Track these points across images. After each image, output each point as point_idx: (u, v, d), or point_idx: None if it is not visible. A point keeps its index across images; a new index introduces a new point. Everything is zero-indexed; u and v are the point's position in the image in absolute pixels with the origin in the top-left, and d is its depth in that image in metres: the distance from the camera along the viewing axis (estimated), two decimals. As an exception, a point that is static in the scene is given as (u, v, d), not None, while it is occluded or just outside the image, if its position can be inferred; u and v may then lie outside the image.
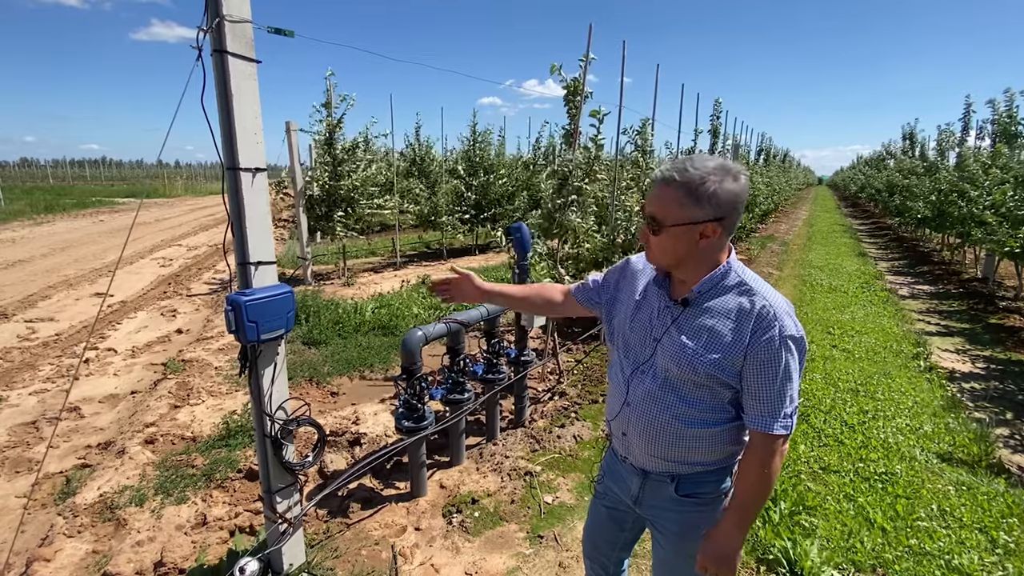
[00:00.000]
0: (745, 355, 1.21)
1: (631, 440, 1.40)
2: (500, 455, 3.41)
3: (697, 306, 1.28)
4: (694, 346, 1.25)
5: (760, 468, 1.24)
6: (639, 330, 1.38)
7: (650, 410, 1.34)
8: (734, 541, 1.29)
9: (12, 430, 3.76)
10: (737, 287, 1.26)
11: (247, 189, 1.88)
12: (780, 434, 1.22)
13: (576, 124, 4.49)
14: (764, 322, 1.20)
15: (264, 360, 2.00)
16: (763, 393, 1.21)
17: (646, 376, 1.35)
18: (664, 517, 1.43)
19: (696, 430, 1.30)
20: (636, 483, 1.45)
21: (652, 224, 1.26)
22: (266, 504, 2.13)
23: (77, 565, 2.39)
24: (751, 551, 2.56)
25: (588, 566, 1.79)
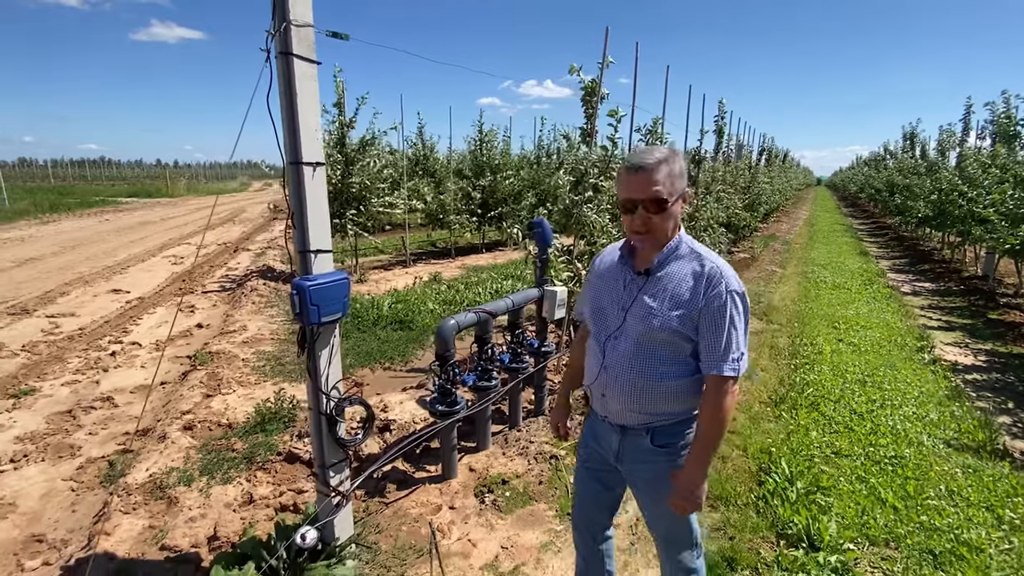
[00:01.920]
0: (700, 309, 1.44)
1: (609, 399, 1.60)
2: (525, 440, 3.55)
3: (658, 274, 1.53)
4: (659, 306, 1.49)
5: (714, 407, 1.45)
6: (611, 303, 1.61)
7: (625, 369, 1.54)
8: (697, 476, 1.48)
9: (49, 418, 3.89)
10: (689, 255, 1.53)
11: (308, 182, 2.02)
12: (729, 375, 1.43)
13: (593, 124, 4.63)
14: (713, 280, 1.45)
15: (322, 342, 2.14)
16: (714, 340, 1.44)
17: (619, 341, 1.56)
18: (641, 469, 1.63)
19: (665, 383, 1.51)
20: (616, 439, 1.64)
21: (657, 205, 1.45)
22: (320, 478, 2.26)
23: (136, 539, 2.52)
24: (771, 526, 2.71)
25: (577, 538, 1.96)
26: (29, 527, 2.77)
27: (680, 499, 1.50)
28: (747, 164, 12.75)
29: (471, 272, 9.16)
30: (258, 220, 18.00)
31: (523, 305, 3.69)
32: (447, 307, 6.52)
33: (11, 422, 3.83)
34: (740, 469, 3.23)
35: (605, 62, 4.47)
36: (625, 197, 1.49)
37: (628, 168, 1.48)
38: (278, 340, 5.46)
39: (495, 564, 2.47)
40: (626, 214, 1.51)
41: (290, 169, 2.01)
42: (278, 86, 1.97)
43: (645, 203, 1.46)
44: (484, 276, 8.54)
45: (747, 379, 4.63)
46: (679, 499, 1.51)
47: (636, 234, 1.52)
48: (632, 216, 1.49)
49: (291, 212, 2.06)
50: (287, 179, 2.04)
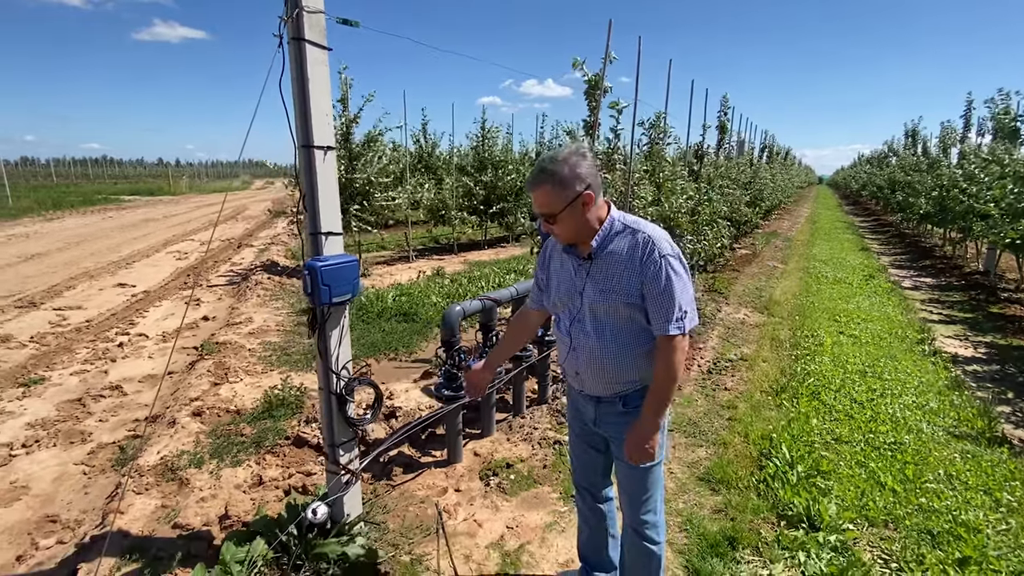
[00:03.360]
0: (640, 278, 1.56)
1: (583, 376, 1.73)
2: (528, 427, 3.60)
3: (600, 256, 1.63)
4: (607, 285, 1.61)
5: (665, 364, 1.57)
6: (567, 290, 1.72)
7: (592, 348, 1.66)
8: (650, 426, 1.61)
9: (60, 406, 3.95)
10: (623, 231, 1.63)
11: (319, 166, 2.06)
12: (674, 333, 1.55)
13: (596, 117, 4.68)
14: (647, 248, 1.57)
15: (332, 323, 2.18)
16: (657, 303, 1.56)
17: (583, 323, 1.68)
18: (615, 428, 1.76)
19: (630, 353, 1.63)
20: (592, 408, 1.79)
21: (548, 218, 1.60)
22: (329, 457, 2.31)
23: (149, 517, 2.58)
24: (772, 508, 2.75)
25: (580, 497, 2.08)
26: (43, 508, 2.82)
27: (634, 448, 1.63)
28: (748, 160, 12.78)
29: (473, 267, 9.21)
30: (260, 218, 18.06)
31: (526, 294, 3.73)
32: (450, 300, 6.57)
33: (22, 409, 3.88)
34: (741, 454, 3.28)
35: (608, 56, 4.52)
36: (535, 209, 1.66)
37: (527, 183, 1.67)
38: (284, 331, 5.51)
39: (500, 543, 2.52)
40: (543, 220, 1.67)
41: (302, 153, 2.06)
42: (290, 72, 2.01)
43: (539, 215, 1.63)
44: (487, 271, 8.59)
45: (748, 369, 4.68)
46: (633, 448, 1.63)
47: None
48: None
49: (302, 195, 2.10)
50: (298, 163, 2.09)
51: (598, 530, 2.07)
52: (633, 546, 1.88)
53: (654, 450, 1.63)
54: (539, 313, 1.99)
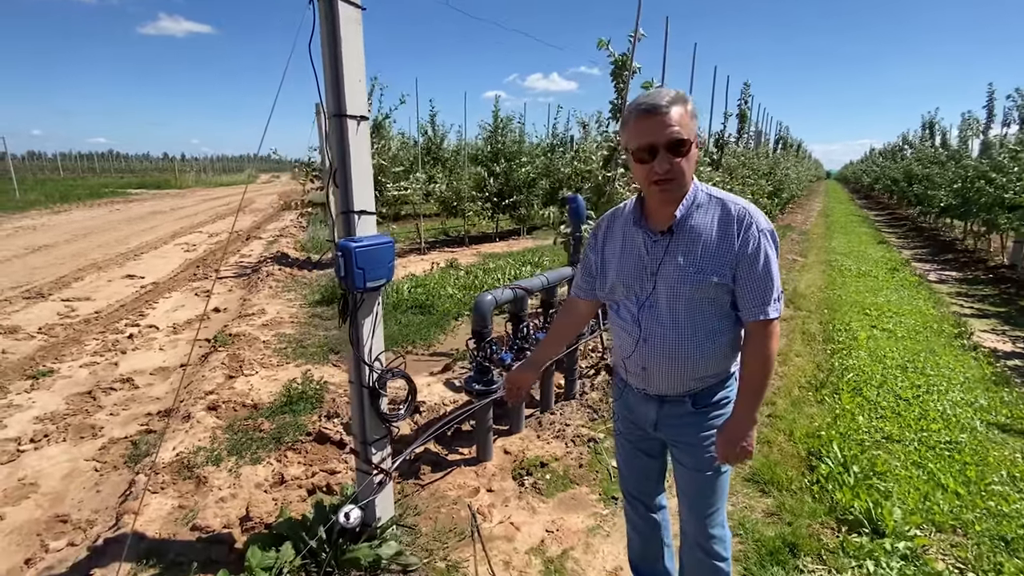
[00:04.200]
0: (735, 256, 1.37)
1: (651, 372, 1.51)
2: (560, 423, 3.42)
3: (683, 229, 1.42)
4: (692, 262, 1.39)
5: (762, 352, 1.40)
6: (633, 272, 1.50)
7: (668, 338, 1.45)
8: (747, 423, 1.43)
9: (69, 399, 3.79)
10: (709, 202, 1.43)
11: (352, 137, 1.87)
12: (773, 317, 1.38)
13: (624, 99, 4.46)
14: (744, 221, 1.38)
15: (365, 310, 2.00)
16: (753, 283, 1.37)
17: (655, 309, 1.46)
18: (682, 432, 1.56)
19: (712, 342, 1.44)
20: (654, 410, 1.57)
21: (679, 148, 1.33)
22: (360, 455, 2.14)
23: (165, 519, 2.41)
24: (830, 511, 2.57)
25: (630, 506, 1.88)
26: (52, 507, 2.67)
27: (730, 447, 1.45)
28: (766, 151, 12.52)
29: (487, 259, 9.02)
30: (268, 210, 17.92)
31: (557, 283, 3.55)
32: (467, 292, 6.39)
33: (30, 402, 3.73)
34: (788, 454, 3.09)
35: (637, 34, 4.30)
36: (642, 143, 1.34)
37: (640, 111, 1.34)
38: (298, 323, 5.35)
39: (542, 548, 2.35)
40: (642, 164, 1.36)
41: (333, 123, 1.87)
42: (320, 33, 1.83)
43: (665, 146, 1.32)
44: (501, 263, 8.40)
45: (782, 364, 4.48)
46: (729, 448, 1.45)
47: (658, 184, 1.36)
48: (650, 164, 1.35)
49: (332, 170, 1.92)
50: (329, 133, 1.90)
51: (651, 540, 1.88)
52: (698, 564, 1.69)
53: (752, 447, 1.45)
54: (589, 303, 1.76)
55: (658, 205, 1.46)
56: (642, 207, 1.51)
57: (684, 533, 1.71)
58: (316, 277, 7.45)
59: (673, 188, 1.38)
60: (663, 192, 1.39)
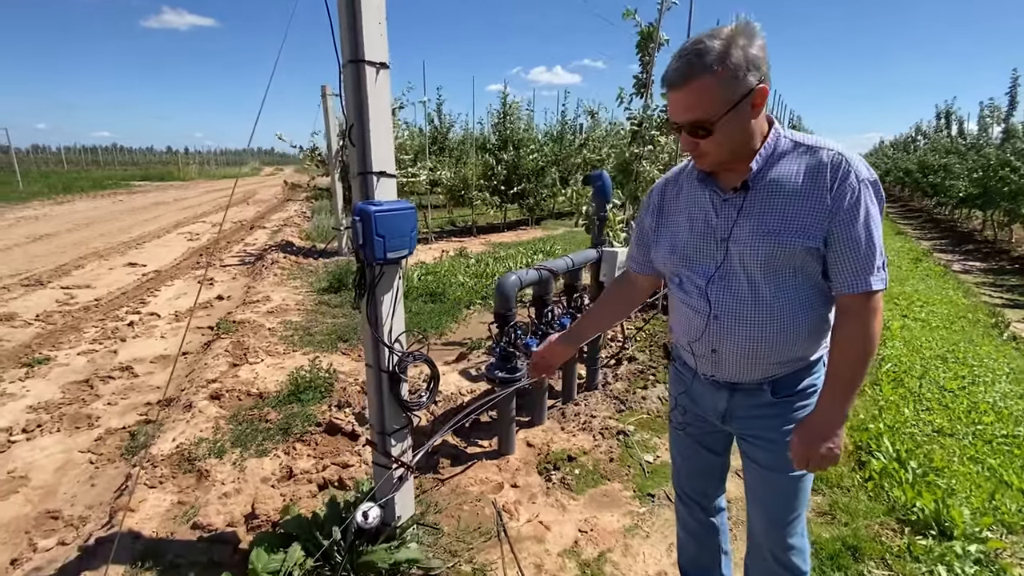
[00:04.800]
0: (829, 213, 1.11)
1: (723, 355, 1.28)
2: (585, 415, 3.20)
3: (760, 184, 1.17)
4: (773, 223, 1.15)
5: (863, 332, 1.14)
6: (699, 238, 1.27)
7: (745, 314, 1.22)
8: (836, 419, 1.18)
9: (65, 388, 3.60)
10: (794, 149, 1.17)
11: (371, 87, 1.65)
12: (878, 288, 1.13)
13: (649, 73, 4.22)
14: (839, 172, 1.11)
15: (384, 284, 1.78)
16: (853, 248, 1.12)
17: (729, 281, 1.23)
18: (758, 425, 1.33)
19: (799, 319, 1.19)
20: (724, 399, 1.34)
21: (698, 130, 1.12)
22: (378, 447, 1.92)
23: (164, 516, 2.21)
24: (889, 511, 2.34)
25: (684, 509, 1.65)
26: (43, 502, 2.47)
27: (810, 448, 1.19)
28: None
29: (496, 248, 8.79)
30: (272, 201, 17.75)
31: (583, 266, 3.32)
32: (478, 280, 6.17)
33: (24, 391, 3.54)
34: (833, 447, 2.86)
35: (666, 2, 4.05)
36: (670, 119, 1.18)
37: (662, 82, 1.15)
38: (305, 311, 5.13)
39: (575, 550, 2.13)
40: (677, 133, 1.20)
41: (349, 71, 1.64)
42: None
43: (685, 127, 1.13)
44: (512, 251, 8.17)
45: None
46: (809, 449, 1.20)
47: (693, 158, 1.21)
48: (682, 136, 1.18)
49: (349, 126, 1.69)
50: (345, 84, 1.68)
51: (708, 546, 1.66)
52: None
53: (839, 450, 1.20)
54: (648, 279, 1.52)
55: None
56: None
57: (755, 542, 1.47)
58: (323, 264, 7.24)
59: (706, 164, 1.19)
60: (698, 166, 1.22)
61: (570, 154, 11.63)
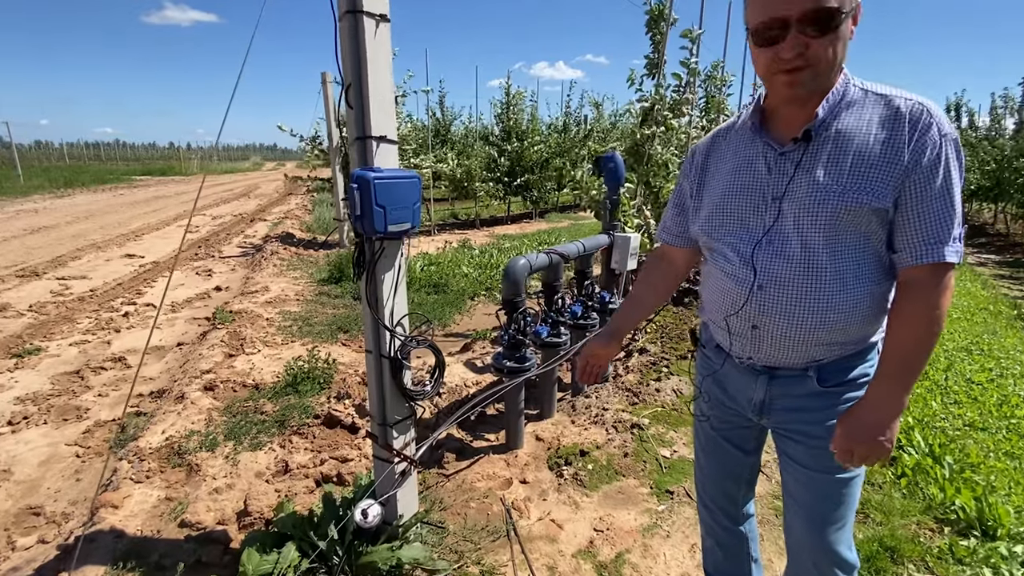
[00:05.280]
0: (905, 170, 0.97)
1: (765, 332, 1.12)
2: (596, 408, 3.05)
3: (825, 134, 1.02)
4: (838, 179, 1.00)
5: (930, 310, 0.99)
6: (745, 200, 1.12)
7: (796, 283, 1.06)
8: (892, 409, 1.02)
9: (55, 379, 3.46)
10: (866, 98, 1.02)
11: (370, 41, 1.49)
12: (952, 261, 0.98)
13: (659, 52, 4.05)
14: (920, 123, 0.96)
15: (385, 262, 1.63)
16: (929, 213, 0.97)
17: (778, 246, 1.07)
18: (802, 419, 1.17)
19: (855, 293, 1.04)
20: (761, 387, 1.19)
21: (821, 20, 0.93)
22: (379, 439, 1.77)
23: (150, 512, 2.07)
24: (925, 510, 2.19)
25: (708, 518, 1.49)
26: (25, 497, 2.33)
27: (860, 442, 1.03)
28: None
29: (500, 240, 8.63)
30: (273, 195, 17.60)
31: (594, 251, 3.17)
32: (482, 271, 6.02)
33: (12, 382, 3.40)
34: (860, 442, 2.71)
35: (678, -22, 3.87)
36: (767, 18, 0.95)
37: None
38: (304, 301, 4.99)
39: (591, 550, 1.99)
40: (765, 46, 0.98)
41: (346, 23, 1.49)
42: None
43: (801, 19, 0.93)
44: (516, 243, 8.02)
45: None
46: (856, 442, 1.03)
47: (788, 73, 0.98)
48: (775, 48, 0.97)
49: (346, 85, 1.53)
50: (341, 38, 1.52)
51: (736, 554, 1.50)
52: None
53: (892, 444, 1.04)
54: (685, 252, 1.35)
55: (786, 104, 1.06)
56: (762, 112, 1.12)
57: (796, 554, 1.29)
58: (323, 255, 7.09)
59: (806, 80, 0.98)
60: (791, 86, 0.99)
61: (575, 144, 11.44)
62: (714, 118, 5.43)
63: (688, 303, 4.88)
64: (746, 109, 1.17)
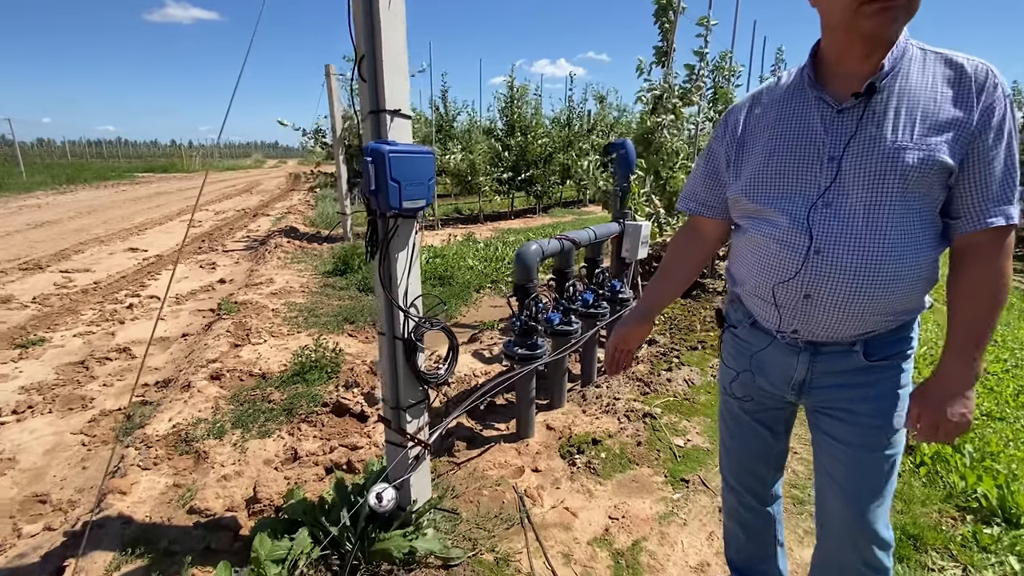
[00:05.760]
0: (974, 130, 0.94)
1: (818, 301, 1.06)
2: (607, 397, 3.01)
3: (889, 88, 0.98)
4: (908, 135, 0.96)
5: (996, 274, 0.98)
6: (798, 159, 1.06)
7: (861, 247, 1.00)
8: (967, 378, 1.00)
9: (60, 369, 3.43)
10: (925, 56, 0.99)
11: (384, 11, 1.44)
12: (1015, 224, 0.97)
13: (668, 41, 4.00)
14: (987, 83, 0.94)
15: (399, 241, 1.59)
16: (994, 174, 0.95)
17: (836, 208, 1.01)
18: (845, 395, 1.13)
19: (918, 259, 0.99)
20: (804, 364, 1.14)
21: None
22: (392, 423, 1.74)
23: (158, 499, 2.03)
24: (946, 498, 2.15)
25: (734, 498, 1.46)
26: (30, 485, 2.30)
27: (941, 416, 1.00)
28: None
29: (504, 233, 8.59)
30: (275, 191, 17.59)
31: (605, 239, 3.13)
32: (487, 264, 5.98)
33: (16, 372, 3.37)
34: (877, 431, 2.67)
35: (688, -35, 3.82)
36: None
37: None
38: (309, 293, 4.96)
39: (606, 538, 1.95)
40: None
41: (359, -6, 1.45)
42: None
43: None
44: (520, 237, 7.98)
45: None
46: (941, 416, 1.00)
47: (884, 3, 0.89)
48: None
49: (359, 57, 1.49)
50: (354, 8, 1.48)
51: (761, 537, 1.47)
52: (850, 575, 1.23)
53: (972, 415, 1.01)
54: (716, 224, 1.30)
55: (850, 52, 0.99)
56: (816, 67, 1.06)
57: (831, 534, 1.25)
58: (327, 249, 7.06)
59: (899, 13, 0.91)
60: (884, 12, 0.90)
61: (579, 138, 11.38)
62: (722, 109, 5.37)
63: (696, 295, 4.83)
64: (788, 72, 1.13)
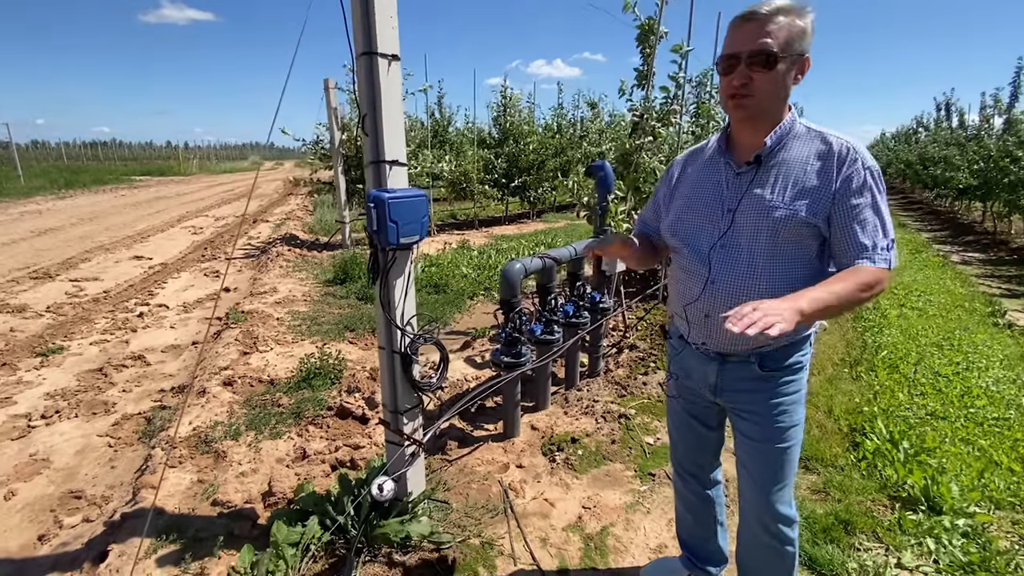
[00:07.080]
0: (834, 196, 1.21)
1: (714, 320, 1.34)
2: (587, 400, 3.29)
3: (771, 161, 1.28)
4: (779, 197, 1.25)
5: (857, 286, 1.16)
6: (707, 208, 1.36)
7: (742, 281, 1.30)
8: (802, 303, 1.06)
9: (80, 376, 3.69)
10: (808, 134, 1.28)
11: (383, 78, 1.72)
12: (882, 267, 1.20)
13: (650, 65, 4.27)
14: (847, 158, 1.22)
15: (397, 269, 1.86)
16: (858, 223, 1.20)
17: (731, 249, 1.31)
18: (746, 399, 1.41)
19: (787, 291, 1.15)
20: (714, 370, 1.42)
21: (763, 59, 1.18)
22: (391, 425, 2.01)
23: (185, 493, 2.30)
24: (881, 488, 2.43)
25: (681, 483, 1.75)
26: (65, 483, 2.56)
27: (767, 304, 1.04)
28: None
29: (498, 240, 8.87)
30: (273, 195, 17.80)
31: (585, 255, 3.39)
32: (481, 271, 6.25)
33: (40, 379, 3.63)
34: (829, 430, 2.95)
35: (666, -6, 4.10)
36: (725, 53, 1.23)
37: (736, 19, 1.23)
38: (311, 301, 5.22)
39: (579, 525, 2.23)
40: (724, 76, 1.25)
41: (362, 62, 1.72)
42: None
43: (748, 56, 1.19)
44: (513, 244, 8.26)
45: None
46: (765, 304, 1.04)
47: (734, 99, 1.24)
48: (730, 77, 1.23)
49: (362, 116, 1.77)
50: (358, 75, 1.75)
51: (704, 518, 1.75)
52: (761, 548, 1.52)
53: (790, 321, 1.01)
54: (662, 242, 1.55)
55: (741, 130, 1.32)
56: (728, 138, 1.38)
57: (746, 512, 1.54)
58: (327, 256, 7.32)
59: (749, 106, 1.24)
60: (737, 108, 1.25)
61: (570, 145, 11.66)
62: (704, 123, 5.65)
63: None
64: (717, 134, 1.43)
